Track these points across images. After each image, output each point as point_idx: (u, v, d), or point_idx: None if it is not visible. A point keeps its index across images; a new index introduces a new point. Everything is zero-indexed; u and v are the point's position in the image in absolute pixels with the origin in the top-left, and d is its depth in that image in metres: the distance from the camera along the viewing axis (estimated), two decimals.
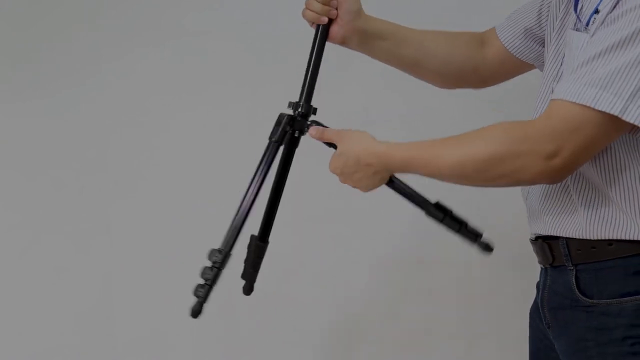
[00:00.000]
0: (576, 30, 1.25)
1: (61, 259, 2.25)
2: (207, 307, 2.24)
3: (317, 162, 2.16)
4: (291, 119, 1.41)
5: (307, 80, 1.43)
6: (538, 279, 1.41)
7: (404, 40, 1.52)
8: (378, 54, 1.53)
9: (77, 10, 2.25)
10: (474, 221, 2.14)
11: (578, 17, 1.25)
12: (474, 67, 1.54)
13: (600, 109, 1.10)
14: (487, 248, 1.38)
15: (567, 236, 1.27)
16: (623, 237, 1.21)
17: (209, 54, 2.21)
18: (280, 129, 1.40)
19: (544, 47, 1.45)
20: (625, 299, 1.20)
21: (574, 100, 1.12)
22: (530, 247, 1.43)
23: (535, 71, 1.57)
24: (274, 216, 1.53)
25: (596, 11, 1.19)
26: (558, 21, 1.37)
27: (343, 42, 1.49)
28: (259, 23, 2.20)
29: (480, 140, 1.19)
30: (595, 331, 1.23)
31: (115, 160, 2.25)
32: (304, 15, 1.46)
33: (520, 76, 1.63)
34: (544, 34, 1.45)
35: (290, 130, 1.41)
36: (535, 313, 1.41)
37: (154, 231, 2.24)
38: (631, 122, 1.10)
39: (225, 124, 2.22)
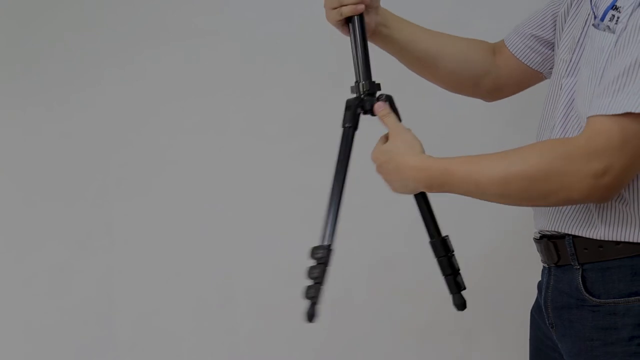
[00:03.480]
0: (596, 26, 1.23)
1: (62, 259, 2.25)
2: (208, 307, 2.26)
3: (316, 162, 2.18)
4: (360, 99, 1.37)
5: (359, 60, 1.39)
6: (539, 279, 1.41)
7: (422, 33, 1.52)
8: (397, 47, 1.51)
9: (78, 14, 2.26)
10: (474, 221, 2.18)
11: (593, 11, 1.24)
12: (487, 72, 1.53)
13: (638, 111, 1.08)
14: (460, 306, 1.43)
15: (576, 234, 1.26)
16: (631, 240, 1.20)
17: (210, 57, 2.21)
18: (351, 113, 1.36)
19: (551, 50, 1.45)
20: (632, 298, 1.19)
21: (613, 113, 1.10)
22: (530, 247, 1.43)
23: None
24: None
25: (613, 7, 1.17)
26: (570, 15, 1.37)
27: (374, 33, 1.46)
28: (261, 25, 2.20)
29: (526, 155, 1.17)
30: (602, 331, 1.22)
31: (116, 161, 2.25)
32: (341, 13, 1.40)
33: None
34: (551, 37, 1.45)
35: (362, 111, 1.37)
36: (537, 313, 1.40)
37: (154, 232, 2.24)
38: None
39: (227, 126, 2.22)
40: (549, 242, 1.31)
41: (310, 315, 1.34)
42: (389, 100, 1.37)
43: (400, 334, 2.20)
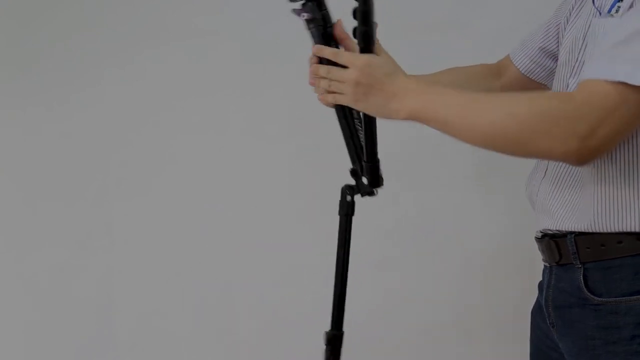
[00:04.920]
0: (599, 17, 1.23)
1: (62, 259, 2.25)
2: (208, 307, 2.26)
3: (316, 162, 2.19)
4: (351, 187, 1.39)
5: (349, 145, 1.38)
6: (539, 279, 1.41)
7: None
8: None
9: (78, 14, 2.26)
10: (474, 221, 2.18)
11: (597, 9, 1.25)
12: None
13: (635, 83, 1.08)
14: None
15: (578, 230, 1.25)
16: (633, 229, 1.20)
17: (210, 57, 2.22)
18: (343, 201, 1.39)
19: (556, 62, 1.46)
20: (634, 297, 1.19)
21: (607, 78, 1.10)
22: (531, 246, 1.43)
23: None
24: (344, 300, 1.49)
25: None
26: (571, 19, 1.38)
27: None
28: (261, 25, 2.20)
29: (525, 97, 1.16)
30: (603, 330, 1.22)
31: (116, 161, 2.25)
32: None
33: None
34: (555, 49, 1.46)
35: (352, 198, 1.39)
36: (538, 313, 1.40)
37: (154, 232, 2.24)
38: None
39: (227, 126, 2.22)
40: (551, 241, 1.31)
41: None
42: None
43: (400, 334, 2.20)
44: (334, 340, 1.45)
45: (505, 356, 2.11)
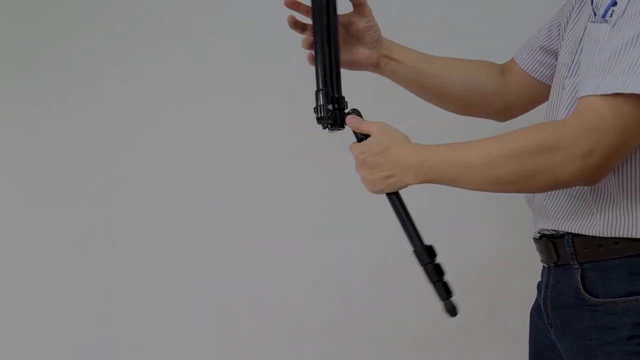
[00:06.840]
0: (594, 22, 1.23)
1: (62, 259, 2.25)
2: (208, 307, 2.26)
3: (316, 162, 2.19)
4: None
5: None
6: (539, 279, 1.41)
7: (428, 60, 1.51)
8: (403, 76, 1.51)
9: (78, 14, 2.26)
10: (474, 221, 2.18)
11: (594, 10, 1.24)
12: (497, 92, 1.53)
13: (630, 91, 1.07)
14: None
15: (576, 232, 1.25)
16: (629, 236, 1.20)
17: (210, 57, 2.22)
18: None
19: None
20: (631, 298, 1.19)
21: (602, 93, 1.09)
22: (530, 247, 1.42)
23: None
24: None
25: (614, 3, 1.16)
26: (572, 19, 1.37)
27: (378, 65, 1.47)
28: (261, 25, 2.20)
29: (515, 135, 1.16)
30: (600, 330, 1.21)
31: (116, 161, 2.26)
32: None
33: None
34: (557, 47, 1.46)
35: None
36: (537, 313, 1.40)
37: (154, 232, 2.24)
38: None
39: (227, 126, 2.22)
40: (549, 242, 1.31)
41: (451, 311, 1.36)
42: (357, 112, 1.36)
43: (400, 335, 2.20)
44: (429, 252, 1.38)
45: (505, 356, 2.11)
